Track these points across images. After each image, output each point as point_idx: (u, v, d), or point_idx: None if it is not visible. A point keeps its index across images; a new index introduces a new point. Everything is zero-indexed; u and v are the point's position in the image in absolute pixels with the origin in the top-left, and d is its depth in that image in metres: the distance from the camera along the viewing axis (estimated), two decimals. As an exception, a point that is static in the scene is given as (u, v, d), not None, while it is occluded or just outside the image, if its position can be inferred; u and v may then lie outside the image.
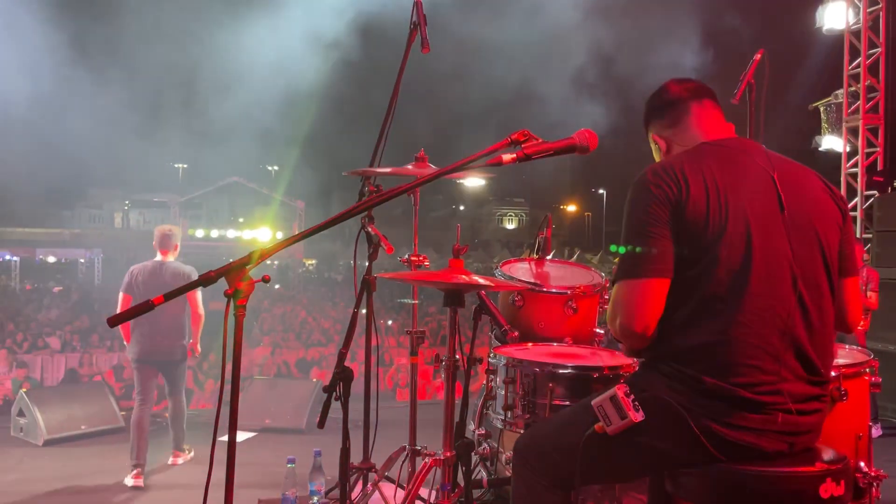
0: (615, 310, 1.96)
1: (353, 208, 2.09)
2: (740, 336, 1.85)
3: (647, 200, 1.92)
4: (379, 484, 3.17)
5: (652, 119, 2.23)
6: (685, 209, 1.89)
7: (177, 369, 5.49)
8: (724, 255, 1.87)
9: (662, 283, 1.89)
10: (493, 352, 2.76)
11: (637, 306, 1.90)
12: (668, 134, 2.18)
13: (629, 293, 1.91)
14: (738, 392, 1.83)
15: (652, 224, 1.90)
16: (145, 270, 5.40)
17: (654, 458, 1.94)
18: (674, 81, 2.21)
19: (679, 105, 2.16)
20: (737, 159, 2.00)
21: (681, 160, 1.98)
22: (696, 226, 1.89)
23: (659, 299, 1.90)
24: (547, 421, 2.43)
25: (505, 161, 1.95)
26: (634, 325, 1.91)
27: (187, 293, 4.24)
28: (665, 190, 1.92)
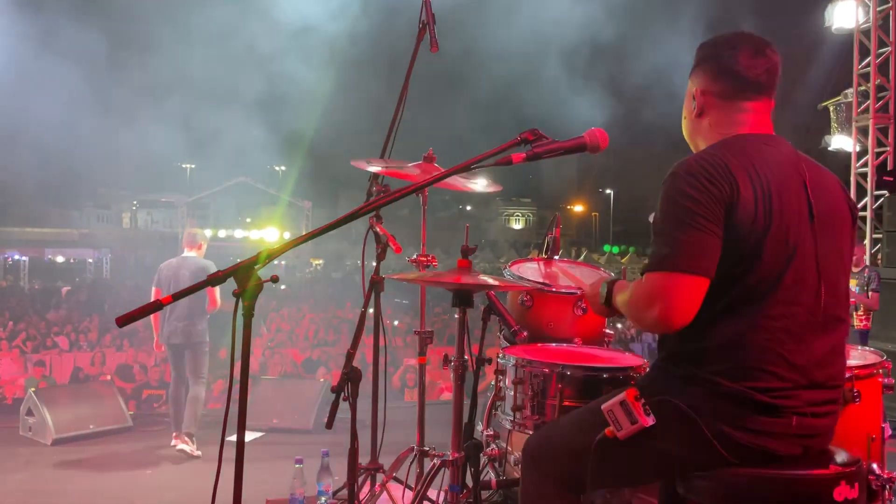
0: (653, 299, 1.84)
1: (362, 208, 2.09)
2: (759, 340, 1.83)
3: (704, 195, 1.82)
4: (387, 484, 3.16)
5: (704, 74, 2.05)
6: (735, 212, 1.82)
7: (198, 351, 6.03)
8: (760, 262, 1.83)
9: (706, 283, 1.82)
10: (503, 352, 2.75)
11: (683, 302, 1.80)
12: (714, 102, 2.04)
13: (675, 287, 1.81)
14: (754, 396, 1.81)
15: (708, 219, 1.81)
16: (170, 266, 6.10)
17: (665, 462, 1.93)
18: (750, 52, 1.99)
19: (745, 84, 2.00)
20: (777, 161, 1.92)
21: (726, 156, 1.88)
22: (741, 230, 1.82)
23: (701, 299, 1.82)
24: (557, 423, 2.41)
25: (515, 160, 1.94)
26: (675, 321, 1.81)
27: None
28: (720, 188, 1.83)
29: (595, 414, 1.98)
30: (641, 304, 1.90)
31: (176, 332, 5.95)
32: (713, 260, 1.81)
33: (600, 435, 1.92)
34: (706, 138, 2.05)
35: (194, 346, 6.02)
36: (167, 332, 6.00)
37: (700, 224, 1.80)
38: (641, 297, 1.89)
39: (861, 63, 10.54)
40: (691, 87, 2.10)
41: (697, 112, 2.07)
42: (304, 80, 23.23)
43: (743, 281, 1.83)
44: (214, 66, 22.16)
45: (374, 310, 3.34)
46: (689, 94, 2.11)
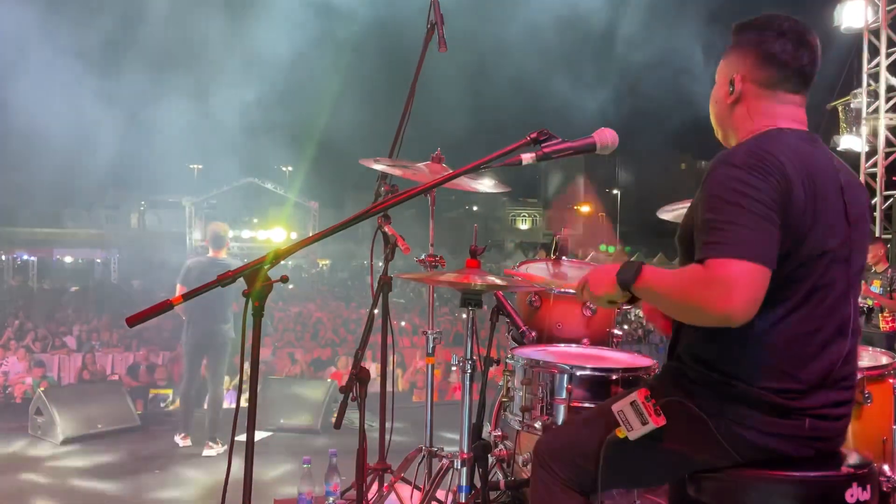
0: (718, 285, 1.64)
1: (370, 209, 2.09)
2: (778, 342, 1.80)
3: (763, 184, 1.71)
4: (395, 485, 3.15)
5: (746, 59, 1.93)
6: (788, 209, 1.73)
7: (220, 353, 6.07)
8: (793, 264, 1.77)
9: (770, 276, 1.68)
10: (511, 352, 2.74)
11: (754, 293, 1.65)
12: (753, 90, 1.93)
13: (749, 276, 1.64)
14: (767, 397, 1.79)
15: (774, 210, 1.70)
16: (200, 266, 6.10)
17: (676, 463, 1.91)
18: (796, 40, 1.89)
19: (790, 75, 1.90)
20: (819, 162, 1.85)
21: (776, 151, 1.77)
22: (789, 229, 1.73)
23: (765, 292, 1.67)
24: (567, 424, 2.40)
25: (524, 160, 1.93)
26: (741, 312, 1.64)
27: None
28: (778, 181, 1.73)
29: (605, 414, 1.96)
30: (704, 292, 1.67)
31: (202, 334, 5.97)
32: (776, 251, 1.71)
33: (610, 435, 1.91)
34: (740, 127, 1.96)
35: (217, 347, 6.04)
36: (190, 334, 6.00)
37: (766, 213, 1.69)
38: (705, 283, 1.67)
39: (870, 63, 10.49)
40: (728, 71, 1.97)
41: (734, 99, 1.95)
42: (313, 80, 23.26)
43: (780, 282, 1.75)
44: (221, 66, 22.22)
45: (382, 310, 3.34)
46: (725, 77, 1.98)
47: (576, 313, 2.95)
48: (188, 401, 6.16)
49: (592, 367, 2.53)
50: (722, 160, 1.79)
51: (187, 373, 6.17)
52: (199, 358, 6.14)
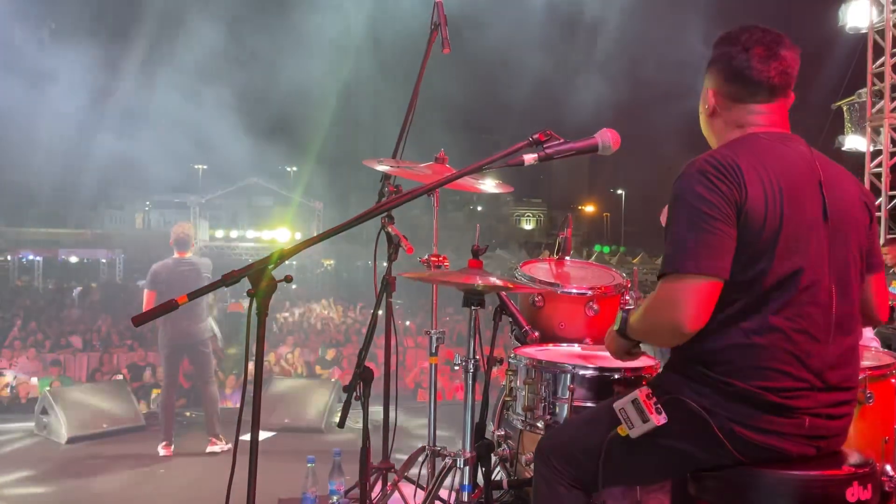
0: (665, 305, 1.81)
1: (374, 209, 2.10)
2: (773, 341, 1.82)
3: (715, 195, 1.79)
4: (399, 484, 3.17)
5: (717, 75, 2.00)
6: (745, 213, 1.80)
7: (201, 352, 5.97)
8: (772, 264, 1.81)
9: (720, 286, 1.79)
10: (514, 352, 2.76)
11: (697, 306, 1.77)
12: (725, 103, 2.00)
13: (688, 291, 1.77)
14: (766, 396, 1.81)
15: (721, 220, 1.78)
16: (166, 268, 5.94)
17: (677, 461, 1.93)
18: (762, 54, 1.93)
19: (756, 88, 1.95)
20: (790, 160, 1.90)
21: (736, 155, 1.85)
22: (752, 230, 1.80)
23: (714, 302, 1.79)
24: (569, 422, 2.41)
25: (527, 161, 1.95)
26: (688, 325, 1.77)
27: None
28: (731, 188, 1.79)
29: (607, 413, 1.98)
30: (654, 314, 1.88)
31: (178, 334, 5.90)
32: (726, 260, 1.79)
33: (612, 433, 1.92)
34: (719, 137, 2.04)
35: (197, 346, 5.98)
36: (168, 335, 5.92)
37: (712, 226, 1.78)
38: (655, 305, 1.86)
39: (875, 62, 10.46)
40: (706, 85, 2.06)
41: (710, 112, 2.05)
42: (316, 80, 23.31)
43: (756, 283, 1.82)
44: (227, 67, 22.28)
45: (385, 310, 3.36)
46: (704, 92, 2.07)
47: (579, 313, 2.96)
48: (168, 407, 5.97)
49: (594, 366, 2.54)
50: (681, 171, 1.87)
51: (167, 377, 6.05)
52: (178, 359, 6.07)
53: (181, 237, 6.04)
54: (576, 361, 2.59)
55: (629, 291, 3.04)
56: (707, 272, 1.77)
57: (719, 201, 1.79)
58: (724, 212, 1.79)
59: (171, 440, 5.88)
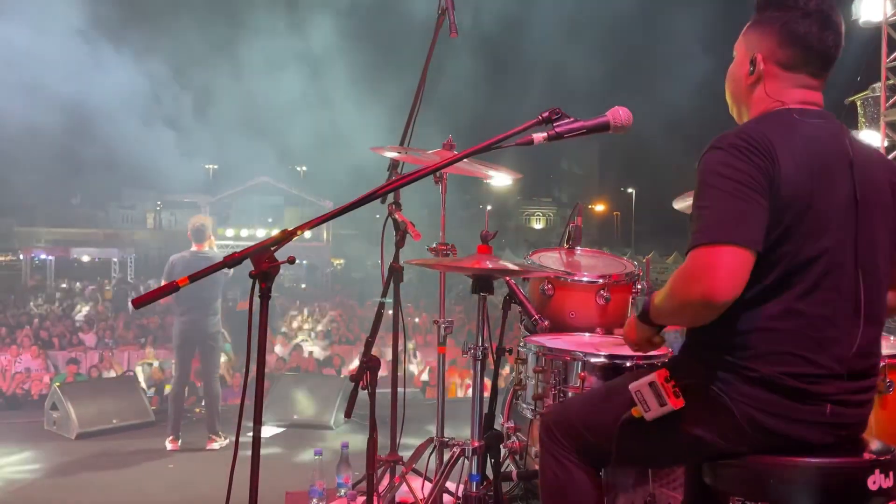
0: (696, 274, 1.68)
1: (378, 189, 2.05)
2: (795, 326, 1.75)
3: (748, 166, 1.70)
4: (406, 476, 3.12)
5: (768, 39, 1.87)
6: (778, 188, 1.71)
7: (210, 347, 5.98)
8: (798, 245, 1.74)
9: (753, 257, 1.68)
10: (524, 340, 2.70)
11: (730, 274, 1.65)
12: (774, 71, 1.87)
13: (721, 259, 1.66)
14: (787, 382, 1.74)
15: (755, 190, 1.68)
16: (184, 260, 5.95)
17: (692, 446, 1.87)
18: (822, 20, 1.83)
19: (814, 57, 1.85)
20: (823, 140, 1.81)
21: (768, 131, 1.75)
22: (782, 209, 1.71)
23: (748, 273, 1.68)
24: (578, 398, 2.34)
25: (535, 140, 1.89)
26: (722, 295, 1.65)
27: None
28: (765, 162, 1.70)
29: (620, 392, 1.93)
30: (684, 286, 1.73)
31: (189, 326, 5.92)
32: (759, 233, 1.69)
33: (626, 414, 1.86)
34: (755, 107, 1.92)
35: (208, 339, 5.98)
36: (178, 328, 5.96)
37: (745, 193, 1.68)
38: (684, 276, 1.73)
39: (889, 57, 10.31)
40: (749, 49, 1.92)
41: (755, 79, 1.91)
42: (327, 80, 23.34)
43: (780, 264, 1.74)
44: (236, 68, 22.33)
45: (393, 299, 3.31)
46: (745, 55, 1.93)
47: (589, 302, 2.89)
48: (178, 400, 5.99)
49: (607, 354, 2.48)
50: (710, 145, 1.78)
51: (178, 369, 6.07)
52: (190, 352, 6.06)
53: (198, 229, 6.06)
54: (587, 349, 2.54)
55: (641, 280, 2.98)
56: (741, 242, 1.67)
57: (753, 171, 1.70)
58: (757, 181, 1.70)
59: (179, 434, 5.87)
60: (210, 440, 5.91)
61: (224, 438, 5.94)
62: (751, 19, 1.97)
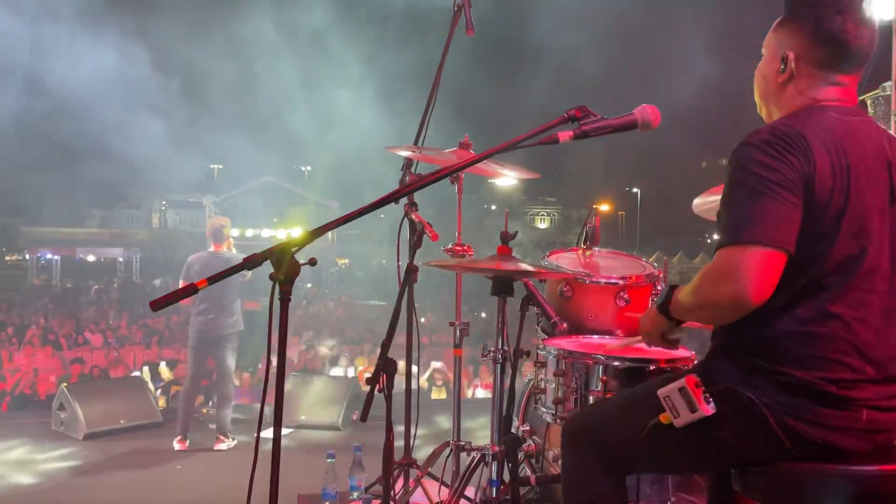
0: (725, 274, 1.65)
1: (397, 191, 2.03)
2: (831, 329, 1.71)
3: (781, 163, 1.65)
4: (422, 480, 3.08)
5: (800, 37, 1.82)
6: (813, 186, 1.66)
7: (226, 346, 5.92)
8: (834, 246, 1.69)
9: (785, 259, 1.65)
10: (543, 343, 2.66)
11: (762, 275, 1.62)
12: (807, 70, 1.82)
13: (752, 260, 1.62)
14: (823, 387, 1.69)
15: (788, 189, 1.64)
16: (201, 261, 5.92)
17: (721, 453, 1.82)
18: (856, 18, 1.77)
19: (848, 56, 1.79)
20: (860, 137, 1.76)
21: (803, 126, 1.70)
22: (817, 208, 1.67)
23: (779, 275, 1.65)
24: (602, 403, 2.29)
25: (561, 139, 1.85)
26: (753, 297, 1.62)
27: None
28: (799, 159, 1.65)
29: (646, 398, 1.88)
30: (712, 285, 1.70)
31: (205, 326, 5.88)
32: (792, 233, 1.65)
33: (654, 421, 1.82)
34: (786, 106, 1.87)
35: (224, 340, 5.93)
36: (195, 327, 5.93)
37: (778, 193, 1.64)
38: (713, 275, 1.69)
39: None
40: (780, 47, 1.87)
41: (786, 78, 1.85)
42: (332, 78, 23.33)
43: (815, 265, 1.70)
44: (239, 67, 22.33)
45: (407, 301, 3.27)
46: (776, 54, 1.87)
47: (609, 303, 2.84)
48: (189, 400, 5.97)
49: (629, 357, 2.43)
50: (743, 141, 1.73)
51: (192, 368, 6.05)
52: (205, 353, 6.04)
53: (217, 230, 6.04)
54: (609, 353, 2.49)
55: (661, 282, 2.93)
56: (773, 243, 1.63)
57: (786, 169, 1.65)
58: (791, 180, 1.65)
59: (187, 435, 5.83)
60: (218, 440, 5.87)
61: (232, 439, 5.90)
62: (781, 16, 1.92)
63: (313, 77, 23.20)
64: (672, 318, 1.92)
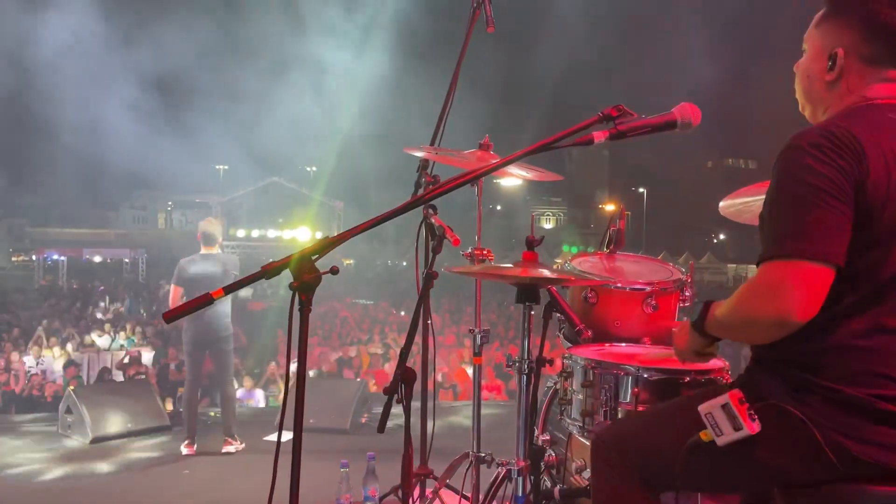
0: (769, 291, 1.57)
1: (419, 198, 1.93)
2: (886, 343, 1.61)
3: (830, 169, 1.55)
4: (440, 492, 2.98)
5: (851, 32, 1.73)
6: (865, 191, 1.56)
7: (223, 349, 5.86)
8: (889, 254, 1.59)
9: (833, 273, 1.56)
10: (569, 352, 2.55)
11: (808, 293, 1.53)
12: (857, 66, 1.73)
13: (798, 277, 1.54)
14: (877, 404, 1.59)
15: (837, 197, 1.54)
16: (193, 263, 5.84)
17: (767, 473, 1.72)
18: None
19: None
20: None
21: (854, 127, 1.60)
22: (871, 213, 1.57)
23: (827, 291, 1.56)
24: (635, 417, 2.19)
25: (596, 140, 1.75)
26: (799, 315, 1.53)
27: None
28: (850, 163, 1.55)
29: (684, 412, 1.78)
30: (754, 302, 1.61)
31: (201, 330, 5.78)
32: (842, 245, 1.56)
33: (694, 438, 1.71)
34: (834, 105, 1.78)
35: (220, 342, 5.86)
36: (189, 332, 5.82)
37: (827, 202, 1.54)
38: (756, 292, 1.61)
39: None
40: (826, 43, 1.77)
41: (836, 75, 1.75)
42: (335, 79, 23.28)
43: (869, 275, 1.60)
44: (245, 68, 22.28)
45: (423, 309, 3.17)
46: (822, 50, 1.78)
47: (635, 310, 2.73)
48: (192, 404, 5.89)
49: (661, 368, 2.32)
50: (790, 143, 1.63)
51: (190, 373, 5.95)
52: (202, 355, 5.95)
53: (208, 232, 5.94)
54: (638, 363, 2.38)
55: (689, 287, 2.82)
56: (821, 257, 1.54)
57: (836, 175, 1.55)
58: (840, 187, 1.55)
59: (194, 439, 5.77)
60: (226, 442, 5.80)
61: (240, 442, 5.83)
62: (824, 10, 1.82)
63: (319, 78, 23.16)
64: (707, 335, 1.82)
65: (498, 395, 10.44)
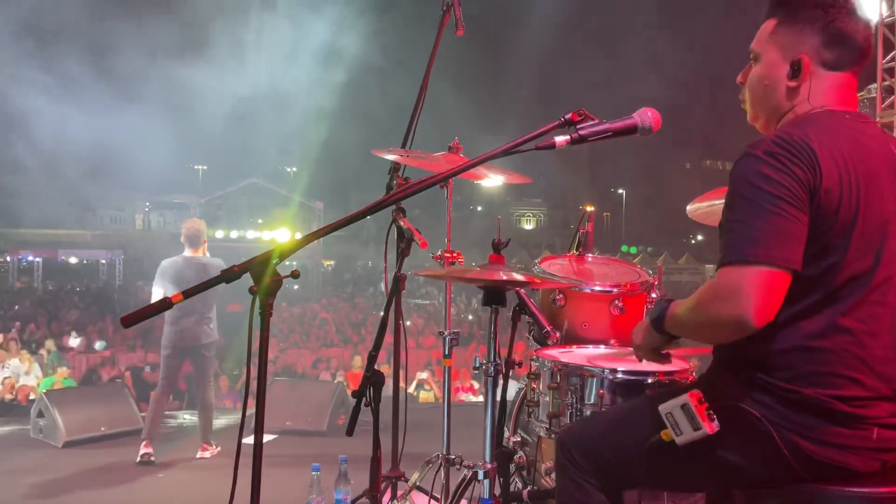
0: (727, 295, 1.57)
1: (385, 199, 1.93)
2: (841, 344, 1.63)
3: (785, 176, 1.57)
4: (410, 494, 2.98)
5: (810, 38, 1.74)
6: (818, 198, 1.58)
7: (204, 355, 5.76)
8: (845, 257, 1.62)
9: (790, 277, 1.57)
10: (536, 355, 2.57)
11: (766, 297, 1.54)
12: (818, 73, 1.74)
13: (756, 281, 1.55)
14: (834, 405, 1.62)
15: (793, 204, 1.56)
16: (175, 265, 5.72)
17: (724, 473, 1.74)
18: (855, 13, 1.71)
19: (857, 54, 1.74)
20: (866, 143, 1.69)
21: (808, 135, 1.62)
22: (825, 220, 1.60)
23: (784, 295, 1.57)
24: (598, 417, 2.21)
25: (557, 144, 1.76)
26: (756, 319, 1.54)
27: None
28: (805, 170, 1.58)
29: (644, 413, 1.82)
30: (713, 304, 1.62)
31: (182, 335, 5.66)
32: (798, 250, 1.58)
33: (655, 438, 1.74)
34: (790, 112, 1.79)
35: (200, 348, 5.75)
36: (169, 336, 5.68)
37: (783, 209, 1.56)
38: (714, 295, 1.62)
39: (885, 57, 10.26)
40: (785, 49, 1.77)
41: (798, 82, 1.76)
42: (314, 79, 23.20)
43: (824, 279, 1.63)
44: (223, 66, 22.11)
45: (395, 310, 3.18)
46: (780, 57, 1.78)
47: (603, 312, 2.76)
48: (160, 406, 5.71)
49: (627, 370, 2.35)
50: (745, 152, 1.65)
51: (164, 377, 5.78)
52: (179, 361, 5.82)
53: (192, 233, 5.79)
54: (604, 365, 2.40)
55: (655, 289, 2.85)
56: (777, 262, 1.55)
57: (790, 183, 1.58)
58: (795, 194, 1.57)
59: (152, 439, 5.58)
60: (202, 448, 5.74)
61: (216, 447, 5.78)
62: (778, 17, 1.81)
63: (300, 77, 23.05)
64: (666, 333, 1.84)
65: (476, 395, 10.47)
